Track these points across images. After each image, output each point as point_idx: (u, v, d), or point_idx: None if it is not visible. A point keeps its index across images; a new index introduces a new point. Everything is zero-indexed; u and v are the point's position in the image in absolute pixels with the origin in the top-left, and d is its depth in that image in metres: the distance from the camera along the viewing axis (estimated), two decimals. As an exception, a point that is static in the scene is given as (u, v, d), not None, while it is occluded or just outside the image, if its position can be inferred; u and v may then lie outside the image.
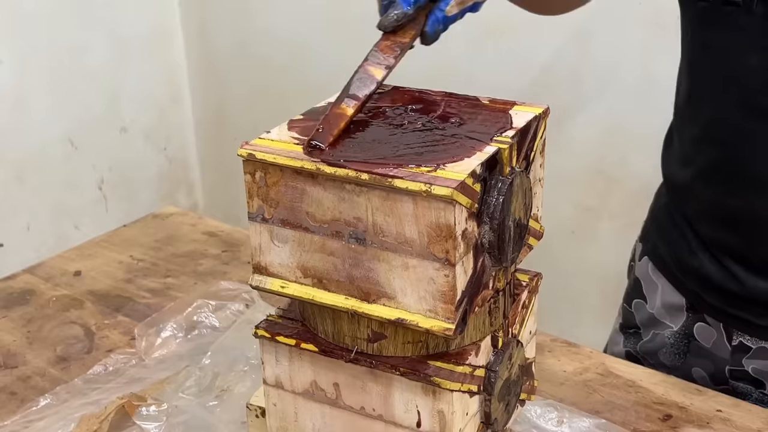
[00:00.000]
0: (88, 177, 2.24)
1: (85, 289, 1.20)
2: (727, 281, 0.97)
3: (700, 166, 0.96)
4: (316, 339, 0.73)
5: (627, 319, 1.13)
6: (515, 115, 0.72)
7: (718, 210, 0.96)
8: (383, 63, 0.73)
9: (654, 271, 1.08)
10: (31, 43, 2.03)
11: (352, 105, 0.71)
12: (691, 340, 1.05)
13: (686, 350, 1.06)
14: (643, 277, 1.10)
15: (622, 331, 1.14)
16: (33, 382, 1.01)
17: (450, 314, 0.65)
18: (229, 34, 2.30)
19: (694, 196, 0.99)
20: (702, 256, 0.99)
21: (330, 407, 0.75)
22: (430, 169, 0.64)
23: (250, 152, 0.68)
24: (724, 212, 0.95)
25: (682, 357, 1.06)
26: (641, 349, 1.10)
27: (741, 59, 0.87)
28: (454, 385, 0.69)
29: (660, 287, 1.07)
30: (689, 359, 1.06)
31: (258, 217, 0.70)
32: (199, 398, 0.95)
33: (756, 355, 0.98)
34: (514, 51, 1.80)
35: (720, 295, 0.99)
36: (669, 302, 1.06)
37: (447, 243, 0.63)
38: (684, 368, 1.06)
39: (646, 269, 1.09)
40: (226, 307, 1.09)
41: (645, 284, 1.09)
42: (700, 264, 0.99)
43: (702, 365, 1.05)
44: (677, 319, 1.05)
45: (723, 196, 0.94)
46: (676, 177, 1.03)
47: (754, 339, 0.98)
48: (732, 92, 0.90)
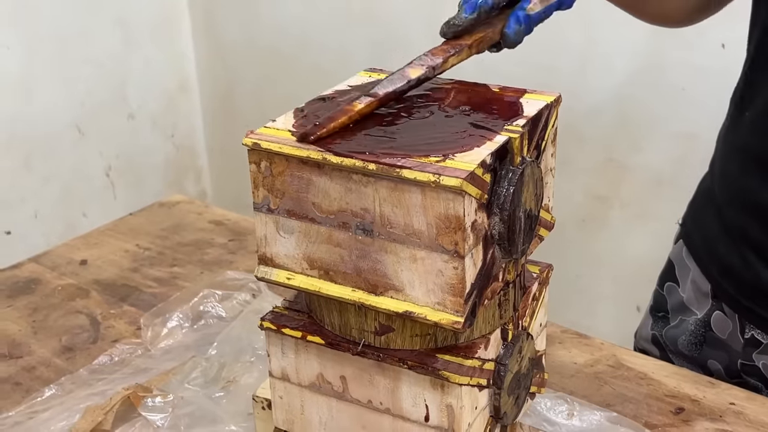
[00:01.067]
0: (95, 164, 2.23)
1: (90, 278, 1.19)
2: (744, 272, 0.96)
3: (743, 152, 0.95)
4: (323, 331, 0.72)
5: (658, 302, 1.12)
6: (526, 103, 0.71)
7: (750, 199, 0.95)
8: (426, 64, 0.70)
9: (687, 255, 1.07)
10: (38, 29, 2.02)
11: (365, 102, 0.68)
12: (708, 330, 1.04)
13: (703, 340, 1.05)
14: (676, 260, 1.09)
15: (651, 313, 1.14)
16: (38, 372, 1.01)
17: (459, 307, 0.64)
18: (237, 21, 2.28)
19: (730, 180, 0.98)
20: (726, 242, 0.98)
21: (337, 400, 0.74)
22: (438, 159, 0.62)
23: (255, 141, 0.67)
24: (756, 203, 0.94)
25: (698, 347, 1.05)
26: (666, 334, 1.09)
27: None
28: (463, 379, 0.67)
29: (691, 271, 1.06)
30: (705, 350, 1.05)
31: (264, 207, 0.69)
32: (205, 389, 0.94)
33: (766, 351, 0.97)
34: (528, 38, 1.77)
35: (736, 285, 0.98)
36: (698, 287, 1.05)
37: (456, 235, 0.62)
38: (700, 359, 1.05)
39: (680, 252, 1.08)
40: (232, 297, 1.08)
41: (678, 267, 1.09)
42: (724, 251, 0.99)
43: (717, 357, 1.04)
44: (703, 306, 1.04)
45: (758, 187, 0.93)
46: (719, 160, 1.02)
47: (765, 334, 0.97)
48: None
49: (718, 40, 1.51)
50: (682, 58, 1.59)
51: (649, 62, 1.65)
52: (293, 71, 2.19)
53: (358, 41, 2.01)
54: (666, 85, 1.63)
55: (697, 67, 1.57)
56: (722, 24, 1.51)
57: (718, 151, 1.04)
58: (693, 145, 1.62)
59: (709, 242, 1.02)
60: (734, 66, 1.04)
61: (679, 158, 1.66)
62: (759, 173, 0.93)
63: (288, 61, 2.19)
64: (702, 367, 1.04)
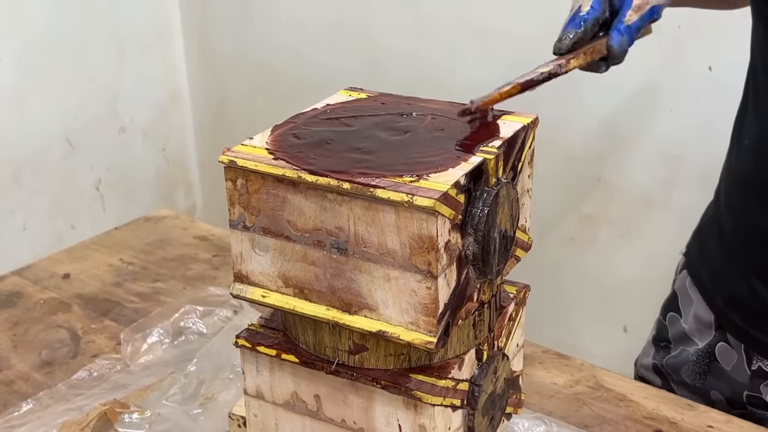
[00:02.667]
0: (85, 177, 2.23)
1: (73, 292, 1.19)
2: (752, 300, 0.95)
3: (744, 179, 0.95)
4: (297, 350, 0.72)
5: (660, 332, 1.12)
6: (503, 124, 0.71)
7: (755, 227, 0.94)
8: (554, 62, 0.75)
9: (690, 285, 1.06)
10: (30, 42, 2.02)
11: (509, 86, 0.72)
12: (712, 361, 1.03)
13: (707, 370, 1.04)
14: (680, 291, 1.08)
15: (654, 343, 1.13)
16: (16, 386, 1.00)
17: (432, 327, 0.64)
18: (229, 36, 2.29)
19: (734, 209, 0.98)
20: (733, 272, 0.98)
21: (311, 419, 0.73)
22: (412, 179, 0.62)
23: (231, 159, 0.67)
24: (760, 231, 0.94)
25: (702, 377, 1.05)
26: (667, 363, 1.08)
27: None
28: (436, 399, 0.67)
29: (694, 302, 1.05)
30: (709, 380, 1.04)
31: (239, 224, 0.69)
32: (182, 406, 0.93)
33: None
34: (512, 57, 1.78)
35: (743, 314, 0.97)
36: (700, 318, 1.04)
37: (429, 255, 0.62)
38: (703, 389, 1.04)
39: (684, 283, 1.08)
40: (213, 313, 1.08)
41: (681, 297, 1.08)
42: (730, 280, 0.98)
43: (720, 388, 1.03)
44: (705, 337, 1.04)
45: (761, 215, 0.93)
46: (723, 189, 1.02)
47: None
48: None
49: (705, 63, 1.52)
50: (670, 80, 1.60)
51: (637, 83, 1.65)
52: (285, 86, 2.19)
53: (349, 58, 2.01)
54: (654, 106, 1.63)
55: (685, 89, 1.58)
56: (709, 47, 1.52)
57: (723, 181, 1.03)
58: (680, 167, 1.63)
59: (714, 272, 1.01)
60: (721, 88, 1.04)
61: (666, 179, 1.66)
62: (761, 202, 0.93)
63: (279, 75, 2.20)
64: (704, 397, 1.04)
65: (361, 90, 0.80)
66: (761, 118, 0.92)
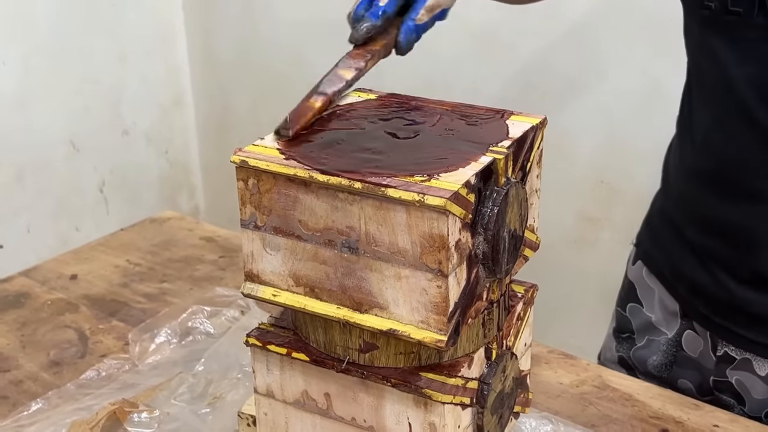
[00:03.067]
0: (89, 179, 2.23)
1: (80, 293, 1.19)
2: (715, 289, 0.97)
3: (697, 174, 0.96)
4: (308, 348, 0.72)
5: (621, 324, 1.13)
6: (512, 125, 0.72)
7: (711, 219, 0.96)
8: (353, 66, 0.76)
9: (649, 275, 1.08)
10: (34, 45, 2.03)
11: (320, 100, 0.73)
12: (679, 350, 1.05)
13: (673, 360, 1.06)
14: (637, 281, 1.10)
15: (615, 336, 1.14)
16: (25, 386, 1.01)
17: (442, 326, 0.64)
18: (232, 39, 2.30)
19: (688, 203, 0.99)
20: (693, 262, 0.99)
21: (321, 417, 0.74)
22: (423, 178, 0.63)
23: (243, 159, 0.67)
24: (717, 222, 0.95)
25: (668, 368, 1.06)
26: (634, 355, 1.09)
27: (739, 69, 0.87)
28: (446, 398, 0.68)
29: (657, 292, 1.07)
30: (675, 370, 1.06)
31: (250, 224, 0.69)
32: (191, 405, 0.94)
33: (740, 367, 0.98)
34: (516, 59, 1.79)
35: (708, 303, 0.99)
36: (665, 307, 1.06)
37: (440, 254, 0.62)
38: (670, 379, 1.06)
39: (640, 273, 1.09)
40: (221, 314, 1.09)
41: (639, 288, 1.09)
42: (691, 271, 0.99)
43: (688, 376, 1.05)
44: (672, 326, 1.05)
45: (717, 206, 0.94)
46: (673, 180, 1.03)
47: (739, 350, 0.98)
48: (729, 102, 0.89)
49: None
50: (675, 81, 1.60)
51: (642, 86, 1.66)
52: (288, 89, 2.19)
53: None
54: (658, 109, 1.64)
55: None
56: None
57: (672, 174, 1.04)
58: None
59: (673, 262, 1.03)
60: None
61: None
62: (715, 193, 0.94)
63: (282, 78, 2.20)
64: (672, 386, 1.05)
65: (370, 91, 0.80)
66: (711, 113, 0.93)
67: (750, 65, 0.86)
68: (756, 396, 0.98)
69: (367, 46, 0.77)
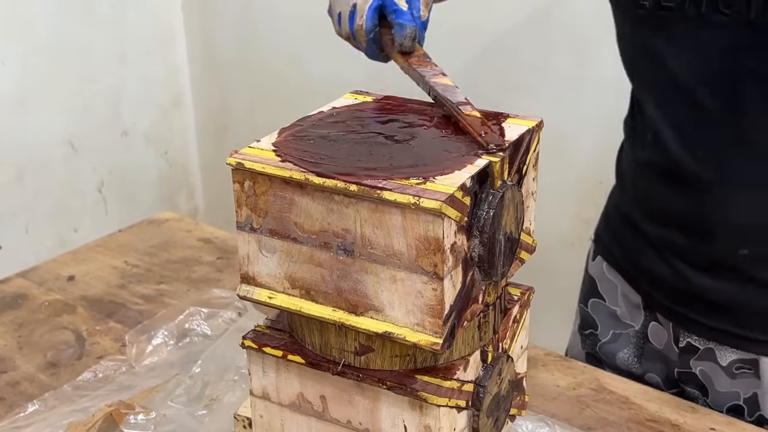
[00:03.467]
0: (88, 180, 2.23)
1: (78, 294, 1.19)
2: (674, 279, 0.98)
3: (649, 169, 0.98)
4: (304, 351, 0.72)
5: (585, 320, 1.14)
6: (508, 128, 0.72)
7: (665, 210, 0.98)
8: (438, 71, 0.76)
9: (609, 270, 1.09)
10: (33, 45, 2.03)
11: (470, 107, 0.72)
12: (646, 342, 1.06)
13: (641, 353, 1.07)
14: (598, 277, 1.11)
15: (579, 333, 1.16)
16: (22, 387, 1.01)
17: (438, 328, 0.64)
18: (231, 39, 2.30)
19: (642, 197, 1.01)
20: (651, 255, 1.01)
21: (317, 420, 0.74)
22: (419, 181, 0.63)
23: (239, 161, 0.67)
24: (671, 213, 0.97)
25: (639, 361, 1.07)
26: (602, 349, 1.10)
27: (678, 59, 0.90)
28: (442, 400, 0.68)
29: (619, 286, 1.08)
30: (644, 363, 1.07)
31: (246, 226, 0.69)
32: (188, 407, 0.94)
33: (703, 357, 0.99)
34: (513, 62, 1.79)
35: (668, 294, 1.00)
36: (630, 301, 1.07)
37: (435, 256, 0.62)
38: (637, 373, 1.07)
39: (600, 268, 1.10)
40: (218, 315, 1.09)
41: (600, 283, 1.10)
42: (650, 263, 1.01)
43: (655, 369, 1.06)
44: (637, 318, 1.07)
45: (670, 198, 0.96)
46: (627, 177, 1.05)
47: (702, 340, 0.99)
48: (673, 93, 0.92)
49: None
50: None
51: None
52: (287, 89, 2.20)
53: (351, 61, 2.01)
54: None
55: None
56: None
57: (625, 171, 1.06)
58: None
59: (632, 256, 1.04)
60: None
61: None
62: (667, 185, 0.96)
63: (282, 79, 2.20)
64: (640, 381, 1.06)
65: (366, 93, 0.80)
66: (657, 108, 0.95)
67: (687, 54, 0.89)
68: (719, 389, 0.99)
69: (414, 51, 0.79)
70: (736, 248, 0.92)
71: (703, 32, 0.87)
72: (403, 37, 0.78)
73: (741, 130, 0.88)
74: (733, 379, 0.98)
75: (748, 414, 0.97)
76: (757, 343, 0.95)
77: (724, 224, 0.92)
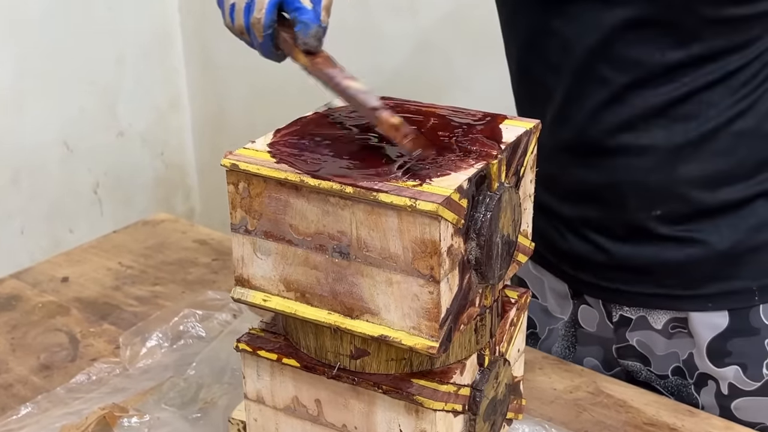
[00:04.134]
0: (83, 181, 2.22)
1: (72, 295, 1.18)
2: (595, 254, 0.99)
3: (557, 148, 0.98)
4: (299, 354, 0.72)
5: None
6: (506, 129, 0.71)
7: (578, 186, 0.98)
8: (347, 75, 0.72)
9: (535, 266, 1.09)
10: (29, 45, 2.02)
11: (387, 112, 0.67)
12: (578, 328, 1.06)
13: (574, 341, 1.07)
14: (525, 275, 1.11)
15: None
16: (15, 390, 1.00)
17: (434, 332, 0.64)
18: (228, 39, 2.28)
19: (554, 179, 1.01)
20: (570, 236, 1.01)
21: (311, 424, 0.73)
22: (415, 183, 0.62)
23: (233, 162, 0.67)
24: (584, 186, 0.97)
25: (572, 350, 1.08)
26: (541, 348, 1.10)
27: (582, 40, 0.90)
28: (438, 405, 0.67)
29: (545, 281, 1.08)
30: (579, 350, 1.07)
31: (241, 228, 0.69)
32: (182, 410, 0.93)
33: (637, 326, 0.99)
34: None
35: (592, 271, 1.00)
36: (556, 292, 1.07)
37: (432, 259, 0.62)
38: (576, 360, 1.07)
39: (527, 267, 1.11)
40: (213, 317, 1.08)
41: (529, 281, 1.11)
42: (569, 245, 1.01)
43: (592, 353, 1.06)
44: (566, 309, 1.07)
45: (582, 173, 0.96)
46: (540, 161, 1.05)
47: (633, 309, 0.99)
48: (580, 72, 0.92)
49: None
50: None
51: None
52: (284, 91, 2.19)
53: (349, 61, 2.01)
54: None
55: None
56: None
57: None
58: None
59: (552, 244, 1.04)
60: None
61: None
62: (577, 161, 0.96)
63: (278, 80, 2.20)
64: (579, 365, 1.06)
65: (363, 94, 0.80)
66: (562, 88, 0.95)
67: (591, 34, 0.89)
68: (659, 352, 0.99)
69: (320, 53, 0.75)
70: (649, 210, 0.94)
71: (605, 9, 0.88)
72: (308, 36, 0.75)
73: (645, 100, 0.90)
74: (670, 340, 0.98)
75: (689, 376, 0.98)
76: (683, 300, 0.96)
77: (635, 189, 0.93)
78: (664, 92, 0.89)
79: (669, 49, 0.87)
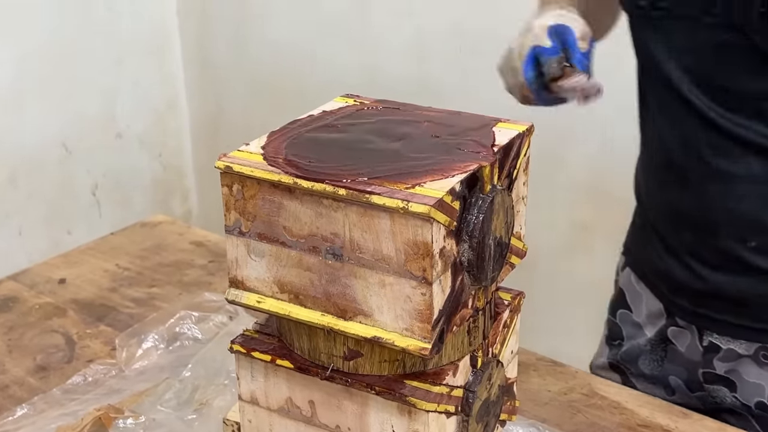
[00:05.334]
0: (81, 182, 2.23)
1: (68, 297, 1.19)
2: (692, 280, 0.99)
3: (655, 170, 1.00)
4: (292, 355, 0.72)
5: (612, 331, 1.14)
6: (498, 132, 0.71)
7: (676, 211, 0.99)
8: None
9: (637, 281, 1.09)
10: (28, 46, 2.02)
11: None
12: (668, 344, 1.06)
13: (664, 356, 1.07)
14: (626, 288, 1.11)
15: (607, 343, 1.15)
16: (11, 391, 1.00)
17: (426, 333, 0.64)
18: (226, 42, 2.29)
19: (656, 201, 1.03)
20: (668, 259, 1.01)
21: (305, 425, 0.73)
22: (408, 185, 0.62)
23: (227, 164, 0.67)
24: (681, 212, 0.98)
25: (660, 364, 1.07)
26: (622, 357, 1.10)
27: (671, 61, 0.92)
28: (431, 406, 0.67)
29: (644, 297, 1.08)
30: (666, 366, 1.07)
31: (235, 230, 0.69)
32: (177, 411, 0.93)
33: (725, 357, 0.99)
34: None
35: (687, 296, 1.00)
36: (651, 309, 1.07)
37: (424, 261, 0.62)
38: (662, 377, 1.07)
39: (629, 279, 1.11)
40: (209, 319, 1.08)
41: (629, 294, 1.10)
42: (667, 267, 1.01)
43: (677, 373, 1.06)
44: (656, 325, 1.07)
45: (677, 197, 0.97)
46: (642, 185, 1.07)
47: (724, 338, 0.99)
48: (668, 94, 0.94)
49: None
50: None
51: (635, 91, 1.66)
52: (281, 93, 2.20)
53: (346, 65, 2.02)
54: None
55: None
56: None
57: (640, 177, 1.09)
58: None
59: (653, 263, 1.04)
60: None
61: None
62: (673, 185, 0.98)
63: (276, 82, 2.20)
64: (664, 385, 1.06)
65: (357, 97, 0.80)
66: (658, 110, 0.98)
67: (679, 56, 0.91)
68: (748, 378, 0.98)
69: None
70: (743, 240, 0.94)
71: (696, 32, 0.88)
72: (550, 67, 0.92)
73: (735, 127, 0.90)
74: (761, 369, 0.97)
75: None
76: None
77: (727, 216, 0.93)
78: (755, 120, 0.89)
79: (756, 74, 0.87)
